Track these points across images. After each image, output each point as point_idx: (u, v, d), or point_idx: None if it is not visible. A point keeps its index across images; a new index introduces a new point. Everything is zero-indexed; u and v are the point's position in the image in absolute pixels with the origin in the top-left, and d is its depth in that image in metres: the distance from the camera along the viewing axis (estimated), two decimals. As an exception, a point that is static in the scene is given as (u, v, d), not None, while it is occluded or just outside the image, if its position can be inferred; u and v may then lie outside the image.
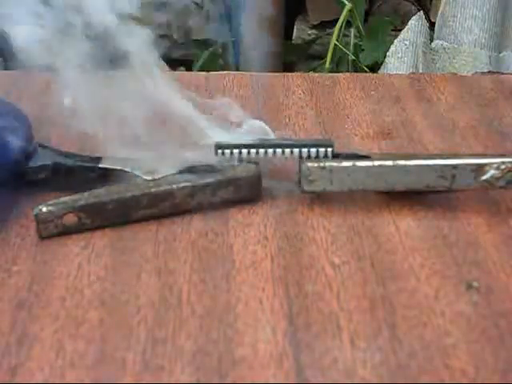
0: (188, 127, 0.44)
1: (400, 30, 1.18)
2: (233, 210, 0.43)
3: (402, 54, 1.14)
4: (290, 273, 0.38)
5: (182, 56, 1.58)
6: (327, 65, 1.19)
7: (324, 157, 0.44)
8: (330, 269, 0.39)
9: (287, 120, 0.54)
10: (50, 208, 0.40)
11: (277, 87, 0.59)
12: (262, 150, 0.44)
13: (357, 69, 1.20)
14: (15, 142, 0.44)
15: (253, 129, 0.46)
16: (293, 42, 1.49)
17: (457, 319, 0.35)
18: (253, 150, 0.44)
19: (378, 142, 0.51)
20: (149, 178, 0.43)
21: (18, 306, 0.36)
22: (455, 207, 0.44)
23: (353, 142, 0.51)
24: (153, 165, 0.44)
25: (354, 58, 1.21)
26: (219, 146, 0.44)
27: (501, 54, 1.15)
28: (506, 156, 0.43)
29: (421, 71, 1.11)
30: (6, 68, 1.32)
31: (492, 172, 0.42)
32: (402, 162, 0.43)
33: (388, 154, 0.48)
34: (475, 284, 0.38)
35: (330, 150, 0.44)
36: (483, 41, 1.13)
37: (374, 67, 1.21)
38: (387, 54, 1.15)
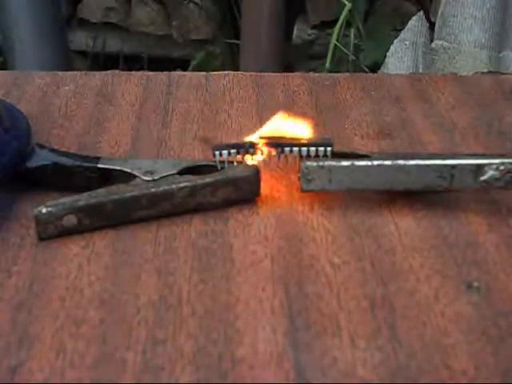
0: None
1: (400, 30, 1.18)
2: (233, 209, 0.43)
3: (401, 53, 1.14)
4: (290, 273, 0.38)
5: (181, 56, 1.58)
6: (327, 65, 1.19)
7: (323, 156, 0.44)
8: (330, 269, 0.39)
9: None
10: (49, 209, 0.40)
11: (277, 87, 0.59)
12: (261, 150, 0.44)
13: (357, 69, 1.20)
14: (14, 143, 0.44)
15: None
16: (293, 42, 1.49)
17: (457, 319, 0.35)
18: (251, 150, 0.44)
19: (377, 141, 0.51)
20: (148, 178, 0.43)
21: (18, 306, 0.36)
22: (455, 207, 0.44)
23: (353, 142, 0.51)
24: (152, 165, 0.44)
25: (354, 58, 1.21)
26: (217, 147, 0.44)
27: (501, 54, 1.14)
28: (505, 157, 0.43)
29: (421, 71, 1.11)
30: (6, 68, 1.33)
31: (491, 173, 0.42)
32: (400, 162, 0.43)
33: (387, 154, 0.48)
34: (475, 284, 0.38)
35: (329, 149, 0.44)
36: (483, 41, 1.13)
37: (374, 67, 1.21)
38: (387, 54, 1.15)
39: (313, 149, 0.44)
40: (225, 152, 0.44)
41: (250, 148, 0.44)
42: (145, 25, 1.60)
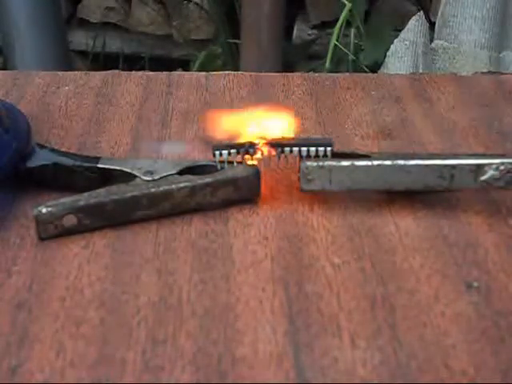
0: None
1: (400, 30, 1.18)
2: (233, 209, 0.43)
3: (401, 53, 1.14)
4: (290, 273, 0.38)
5: (181, 56, 1.58)
6: (327, 65, 1.19)
7: (323, 156, 0.44)
8: (330, 269, 0.39)
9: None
10: (49, 209, 0.40)
11: (277, 87, 0.59)
12: (261, 150, 0.44)
13: (357, 69, 1.20)
14: (14, 143, 0.44)
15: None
16: (293, 42, 1.49)
17: (457, 319, 0.35)
18: (251, 150, 0.44)
19: (377, 141, 0.51)
20: (148, 178, 0.43)
21: (18, 306, 0.36)
22: (455, 207, 0.44)
23: (353, 142, 0.51)
24: (152, 165, 0.44)
25: (354, 58, 1.21)
26: (217, 147, 0.44)
27: (501, 54, 1.14)
28: (505, 157, 0.43)
29: (421, 71, 1.11)
30: (5, 68, 1.33)
31: (491, 173, 0.42)
32: (400, 162, 0.43)
33: (387, 154, 0.48)
34: (475, 284, 0.38)
35: (329, 149, 0.44)
36: (483, 41, 1.13)
37: (374, 67, 1.21)
38: (387, 54, 1.15)
39: (313, 149, 0.44)
40: (225, 152, 0.44)
41: (250, 148, 0.44)
42: (145, 25, 1.60)
